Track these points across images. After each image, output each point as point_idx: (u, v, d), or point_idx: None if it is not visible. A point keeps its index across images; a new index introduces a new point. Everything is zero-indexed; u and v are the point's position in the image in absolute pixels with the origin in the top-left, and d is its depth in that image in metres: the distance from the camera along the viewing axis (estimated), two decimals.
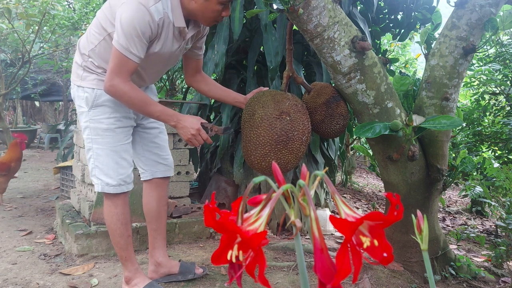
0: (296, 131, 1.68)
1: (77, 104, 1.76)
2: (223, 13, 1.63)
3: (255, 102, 1.75)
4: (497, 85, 3.08)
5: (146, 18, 1.52)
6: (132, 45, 1.53)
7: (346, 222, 0.49)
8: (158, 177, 1.95)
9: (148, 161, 1.93)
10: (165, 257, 1.96)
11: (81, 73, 1.72)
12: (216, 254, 0.53)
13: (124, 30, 1.51)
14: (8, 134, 5.06)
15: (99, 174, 1.71)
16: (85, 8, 6.71)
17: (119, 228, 1.74)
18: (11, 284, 1.90)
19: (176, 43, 1.70)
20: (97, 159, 1.71)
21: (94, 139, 1.71)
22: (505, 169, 2.26)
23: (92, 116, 1.70)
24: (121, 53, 1.53)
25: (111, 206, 1.73)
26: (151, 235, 1.97)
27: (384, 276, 2.00)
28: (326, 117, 1.84)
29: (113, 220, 1.73)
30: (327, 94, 1.86)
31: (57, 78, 8.77)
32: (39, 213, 3.19)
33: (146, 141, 1.92)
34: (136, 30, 1.51)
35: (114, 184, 1.71)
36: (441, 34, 1.93)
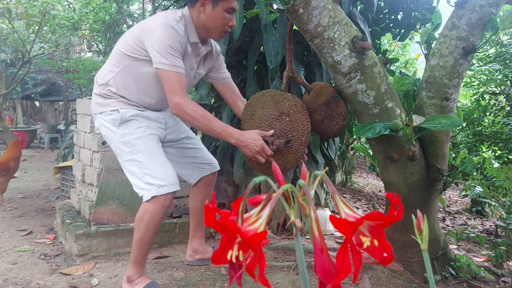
0: (295, 131, 1.68)
1: (104, 130, 1.83)
2: (230, 23, 1.77)
3: (255, 103, 1.75)
4: (497, 85, 3.08)
5: (174, 35, 1.67)
6: (173, 60, 1.66)
7: (346, 222, 0.50)
8: (206, 175, 2.08)
9: (191, 164, 2.06)
10: (201, 245, 2.17)
11: (101, 101, 1.83)
12: (216, 254, 0.53)
13: (161, 51, 1.64)
14: (8, 134, 5.06)
15: (149, 179, 1.72)
16: (85, 8, 6.71)
17: (151, 235, 1.75)
18: (11, 284, 1.90)
19: (188, 61, 1.81)
20: (143, 166, 1.74)
21: (133, 151, 1.76)
22: (505, 169, 2.26)
23: (123, 131, 1.78)
24: (168, 71, 1.65)
25: (154, 213, 1.71)
26: (193, 227, 2.17)
27: (384, 276, 2.00)
28: (326, 117, 1.84)
29: (148, 226, 1.72)
30: (327, 94, 1.86)
31: (57, 78, 8.77)
32: (39, 213, 3.19)
33: (182, 149, 2.05)
34: (170, 47, 1.65)
35: (167, 184, 1.73)
36: (441, 34, 1.93)
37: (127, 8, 7.06)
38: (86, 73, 4.91)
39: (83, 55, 9.58)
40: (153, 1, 6.17)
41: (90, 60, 5.28)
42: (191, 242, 2.19)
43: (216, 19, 1.74)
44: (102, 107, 1.82)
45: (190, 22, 1.76)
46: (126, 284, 1.79)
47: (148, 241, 1.76)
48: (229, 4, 1.73)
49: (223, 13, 1.73)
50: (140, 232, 1.74)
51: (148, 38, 1.68)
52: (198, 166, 2.07)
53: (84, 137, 2.82)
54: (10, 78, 5.96)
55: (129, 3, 7.31)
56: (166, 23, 1.67)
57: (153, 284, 1.78)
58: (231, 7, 1.73)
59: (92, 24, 6.34)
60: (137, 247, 1.76)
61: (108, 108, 1.81)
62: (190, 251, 2.18)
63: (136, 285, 1.77)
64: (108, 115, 1.80)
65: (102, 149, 2.59)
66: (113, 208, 2.47)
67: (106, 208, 2.46)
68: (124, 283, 1.81)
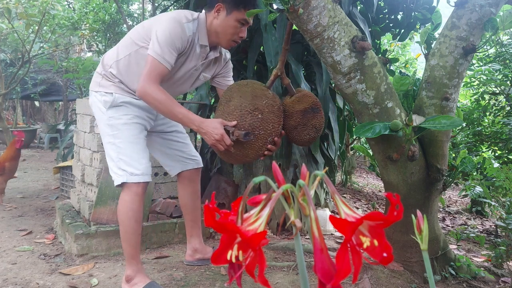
0: (263, 130, 1.68)
1: (95, 109, 1.89)
2: (241, 34, 1.83)
3: (235, 89, 1.77)
4: (497, 85, 3.08)
5: (178, 31, 1.73)
6: (166, 52, 1.70)
7: (346, 222, 0.49)
8: (188, 169, 2.10)
9: (175, 157, 2.10)
10: (200, 244, 2.17)
11: (100, 80, 1.89)
12: (216, 254, 0.53)
13: (160, 40, 1.70)
14: (8, 134, 5.06)
15: (123, 166, 1.77)
16: (85, 8, 6.71)
17: (133, 225, 1.78)
18: (11, 284, 1.90)
19: (193, 62, 1.87)
20: (120, 151, 1.79)
21: (115, 134, 1.81)
22: (505, 169, 2.26)
23: (111, 114, 1.83)
24: (154, 59, 1.70)
25: (129, 201, 1.76)
26: (188, 225, 2.19)
27: (384, 276, 2.00)
28: (299, 125, 1.82)
29: (128, 216, 1.76)
30: (306, 103, 1.83)
31: (57, 78, 8.77)
32: (39, 213, 3.19)
33: (169, 141, 2.09)
34: (171, 40, 1.71)
35: (138, 173, 1.77)
36: (441, 34, 1.93)
37: (127, 8, 7.05)
38: (86, 73, 4.91)
39: (83, 55, 9.58)
40: (153, 1, 6.17)
41: (90, 60, 5.28)
42: (190, 242, 2.19)
43: (227, 27, 1.80)
44: (99, 87, 1.88)
45: (203, 25, 1.84)
46: (125, 284, 1.79)
47: (132, 231, 1.77)
48: (242, 15, 1.78)
49: (235, 22, 1.79)
50: (123, 223, 1.78)
51: (155, 27, 1.75)
52: (182, 159, 2.10)
53: (84, 137, 2.82)
54: (10, 78, 5.96)
55: (129, 3, 7.31)
56: (176, 19, 1.74)
57: (153, 284, 1.78)
58: (244, 19, 1.79)
59: (92, 24, 6.34)
60: (124, 240, 1.80)
61: (104, 89, 1.86)
62: (190, 251, 2.19)
63: (135, 285, 1.77)
64: (102, 96, 1.85)
65: (102, 149, 2.59)
66: (113, 208, 2.47)
67: (106, 208, 2.46)
68: (123, 283, 1.81)
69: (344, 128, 3.47)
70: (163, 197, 2.82)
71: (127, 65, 1.85)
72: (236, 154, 1.71)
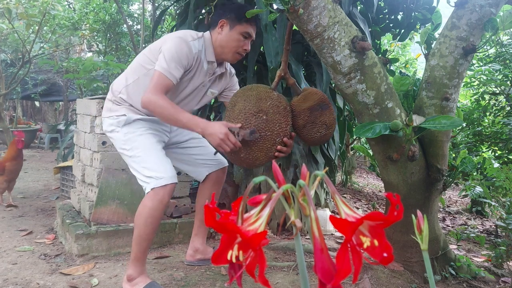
0: (269, 131, 1.68)
1: (110, 133, 1.93)
2: (244, 46, 1.90)
3: (240, 94, 1.77)
4: (497, 85, 3.08)
5: (185, 49, 1.80)
6: (172, 68, 1.76)
7: (346, 222, 0.50)
8: (213, 170, 2.14)
9: (197, 162, 2.13)
10: (203, 245, 2.19)
11: (110, 106, 1.95)
12: (216, 254, 0.53)
13: (166, 57, 1.76)
14: (8, 134, 5.06)
15: (148, 173, 1.79)
16: (85, 8, 6.72)
17: (149, 232, 1.77)
18: (11, 284, 1.90)
19: (200, 78, 1.93)
20: (141, 161, 1.82)
21: (134, 147, 1.85)
22: (505, 169, 2.26)
23: (126, 130, 1.88)
24: (161, 73, 1.75)
25: (152, 209, 1.74)
26: (197, 224, 2.22)
27: (384, 276, 2.00)
28: (307, 123, 1.81)
29: (146, 222, 1.75)
30: (313, 100, 1.82)
31: (57, 78, 8.77)
32: (39, 213, 3.19)
33: (187, 149, 2.13)
34: (177, 57, 1.77)
35: (164, 176, 1.77)
36: (441, 34, 1.93)
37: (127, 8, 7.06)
38: (86, 73, 4.91)
39: (83, 55, 9.59)
40: (153, 1, 6.17)
41: (90, 60, 5.28)
42: (193, 241, 2.20)
43: (231, 40, 1.88)
44: (111, 112, 1.93)
45: (209, 43, 1.92)
46: (126, 283, 1.79)
47: (146, 237, 1.77)
48: (245, 29, 1.87)
49: (238, 35, 1.87)
50: (139, 228, 1.77)
51: (162, 48, 1.82)
52: (204, 162, 2.13)
53: (84, 137, 2.82)
54: (10, 78, 5.97)
55: (129, 3, 7.31)
56: (181, 38, 1.82)
57: (153, 284, 1.78)
58: (247, 32, 1.88)
59: (92, 24, 6.35)
60: (135, 243, 1.78)
61: (115, 113, 1.92)
62: (191, 250, 2.19)
63: (136, 285, 1.77)
64: (115, 119, 1.91)
65: (102, 149, 2.59)
66: (113, 208, 2.47)
67: (106, 208, 2.46)
68: (124, 282, 1.81)
69: (344, 128, 3.47)
70: None
71: (136, 89, 1.90)
72: (246, 158, 1.70)
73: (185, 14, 3.04)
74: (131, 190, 2.52)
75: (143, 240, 1.77)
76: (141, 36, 6.07)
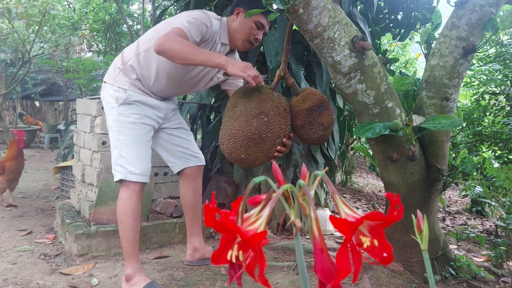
0: (270, 133, 1.68)
1: (105, 101, 1.91)
2: (256, 36, 1.94)
3: (240, 94, 1.77)
4: (497, 85, 3.08)
5: (207, 21, 1.84)
6: (192, 28, 1.75)
7: (346, 222, 0.49)
8: (190, 166, 2.12)
9: (178, 153, 2.11)
10: (201, 243, 2.18)
11: (116, 74, 1.90)
12: (216, 254, 0.53)
13: (188, 19, 1.76)
14: (8, 134, 5.06)
15: (123, 163, 1.81)
16: (85, 8, 6.71)
17: (131, 222, 1.80)
18: (11, 284, 1.90)
19: None
20: (122, 149, 1.83)
21: (121, 131, 1.85)
22: (505, 169, 2.26)
23: (121, 111, 1.86)
24: (179, 28, 1.72)
25: (127, 198, 1.79)
26: (189, 224, 2.19)
27: (384, 276, 2.00)
28: (306, 124, 1.81)
29: (126, 213, 1.79)
30: (311, 101, 1.82)
31: (57, 78, 8.77)
32: (39, 213, 3.19)
33: (173, 137, 2.11)
34: (199, 24, 1.79)
35: (137, 172, 1.80)
36: (441, 34, 1.93)
37: (127, 8, 7.05)
38: (86, 73, 4.91)
39: (83, 55, 9.59)
40: (153, 1, 6.17)
41: (90, 60, 5.28)
42: (190, 241, 2.19)
43: (244, 27, 1.92)
44: (114, 81, 1.90)
45: (225, 27, 1.97)
46: (125, 283, 1.80)
47: (130, 228, 1.79)
48: (259, 18, 1.90)
49: (252, 23, 1.91)
50: (121, 221, 1.81)
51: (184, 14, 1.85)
52: (184, 156, 2.12)
53: (84, 137, 2.82)
54: (10, 78, 5.97)
55: (129, 3, 7.31)
56: (205, 12, 1.88)
57: (153, 284, 1.78)
58: (260, 22, 1.91)
59: (92, 24, 6.34)
60: (122, 237, 1.82)
61: (118, 84, 1.88)
62: (190, 250, 2.19)
63: (135, 285, 1.77)
64: (115, 91, 1.87)
65: (102, 149, 2.59)
66: (113, 208, 2.47)
67: (106, 208, 2.46)
68: (123, 283, 1.81)
69: (344, 128, 3.47)
70: (163, 197, 2.82)
71: (146, 58, 1.87)
72: (246, 158, 1.70)
73: None
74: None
75: (128, 231, 1.79)
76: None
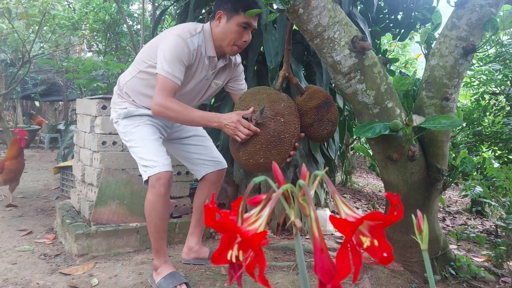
0: (287, 133, 1.68)
1: (113, 123, 2.03)
2: (244, 38, 1.83)
3: (250, 98, 1.76)
4: (497, 85, 3.08)
5: (183, 48, 1.77)
6: (174, 69, 1.75)
7: (346, 222, 0.49)
8: (209, 172, 2.13)
9: (197, 161, 2.14)
10: (197, 244, 2.21)
11: (115, 99, 2.04)
12: (216, 254, 0.53)
13: (166, 58, 1.75)
14: (8, 134, 5.06)
15: (144, 162, 1.84)
16: (85, 8, 6.71)
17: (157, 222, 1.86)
18: (11, 284, 1.90)
19: (203, 73, 1.92)
20: (138, 151, 1.87)
21: (130, 138, 1.92)
22: (505, 169, 2.26)
23: (126, 122, 1.95)
24: (164, 77, 1.75)
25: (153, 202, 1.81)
26: (193, 223, 2.23)
27: (384, 276, 2.00)
28: (315, 121, 1.82)
29: (152, 215, 1.84)
30: (319, 98, 1.84)
31: (57, 78, 8.77)
32: (39, 213, 3.19)
33: (187, 146, 2.14)
34: (177, 56, 1.75)
35: (156, 165, 1.81)
36: (441, 34, 1.93)
37: (127, 8, 7.05)
38: (86, 73, 4.91)
39: (83, 55, 9.59)
40: (153, 1, 6.17)
41: (90, 60, 5.28)
42: (188, 240, 2.23)
43: (228, 32, 1.81)
44: (115, 104, 2.03)
45: (209, 36, 1.87)
46: (154, 272, 1.91)
47: (155, 229, 1.86)
48: (243, 19, 1.79)
49: (236, 27, 1.80)
50: (148, 221, 1.88)
51: (161, 46, 1.80)
52: (202, 162, 2.14)
53: (84, 137, 2.82)
54: (10, 78, 5.97)
55: (129, 3, 7.31)
56: (179, 35, 1.79)
57: (174, 274, 1.86)
58: (245, 22, 1.80)
59: (92, 24, 6.34)
60: (151, 237, 1.91)
61: (118, 106, 2.00)
62: (186, 248, 2.22)
63: (160, 274, 1.87)
64: (117, 112, 1.99)
65: (102, 149, 2.59)
66: (113, 208, 2.47)
67: (106, 208, 2.46)
68: (153, 271, 1.92)
69: (344, 128, 3.47)
70: None
71: (137, 83, 1.94)
72: (264, 163, 1.69)
73: (185, 14, 3.04)
74: (131, 190, 2.52)
75: (154, 231, 1.87)
76: (141, 36, 6.07)
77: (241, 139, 1.67)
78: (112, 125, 2.57)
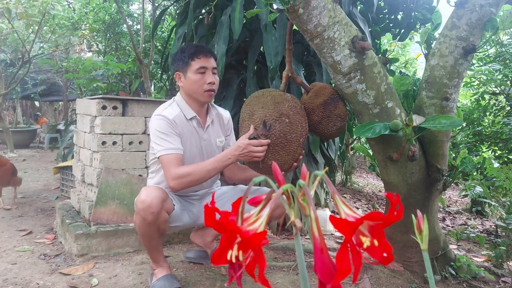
0: (294, 133, 1.68)
1: None
2: (207, 80, 1.84)
3: (254, 102, 1.75)
4: (497, 85, 3.08)
5: (162, 120, 1.82)
6: (168, 143, 1.79)
7: (346, 222, 0.49)
8: None
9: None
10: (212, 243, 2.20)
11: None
12: (216, 254, 0.53)
13: (157, 140, 1.81)
14: (8, 134, 5.06)
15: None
16: (85, 8, 6.71)
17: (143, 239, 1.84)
18: (11, 284, 1.90)
19: (195, 135, 1.92)
20: None
21: None
22: (505, 169, 2.26)
23: None
24: (163, 155, 1.78)
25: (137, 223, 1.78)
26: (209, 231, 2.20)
27: (384, 276, 2.00)
28: (323, 118, 1.83)
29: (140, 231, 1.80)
30: (325, 95, 1.85)
31: (57, 78, 8.77)
32: (39, 213, 3.19)
33: None
34: (161, 133, 1.80)
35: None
36: (441, 34, 1.93)
37: (127, 8, 7.05)
38: (86, 73, 4.91)
39: (83, 55, 9.58)
40: (153, 1, 6.17)
41: (90, 60, 5.27)
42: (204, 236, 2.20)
43: (192, 84, 1.85)
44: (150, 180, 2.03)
45: (182, 101, 1.91)
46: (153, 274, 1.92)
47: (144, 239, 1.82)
48: (195, 66, 1.83)
49: (195, 76, 1.84)
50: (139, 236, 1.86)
51: (150, 135, 1.88)
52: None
53: (84, 137, 2.82)
54: (10, 78, 5.97)
55: (129, 3, 7.30)
56: (155, 114, 1.86)
57: (168, 277, 1.85)
58: (199, 66, 1.83)
59: (92, 24, 6.34)
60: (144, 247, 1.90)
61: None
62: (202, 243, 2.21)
63: (155, 276, 1.88)
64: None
65: (102, 149, 2.59)
66: (113, 208, 2.47)
67: (106, 208, 2.46)
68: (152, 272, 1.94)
69: (344, 128, 3.47)
70: None
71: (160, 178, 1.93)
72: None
73: (184, 14, 3.04)
74: (131, 190, 2.52)
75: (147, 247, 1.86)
76: (141, 36, 6.07)
77: (260, 158, 1.68)
78: (112, 125, 2.58)
